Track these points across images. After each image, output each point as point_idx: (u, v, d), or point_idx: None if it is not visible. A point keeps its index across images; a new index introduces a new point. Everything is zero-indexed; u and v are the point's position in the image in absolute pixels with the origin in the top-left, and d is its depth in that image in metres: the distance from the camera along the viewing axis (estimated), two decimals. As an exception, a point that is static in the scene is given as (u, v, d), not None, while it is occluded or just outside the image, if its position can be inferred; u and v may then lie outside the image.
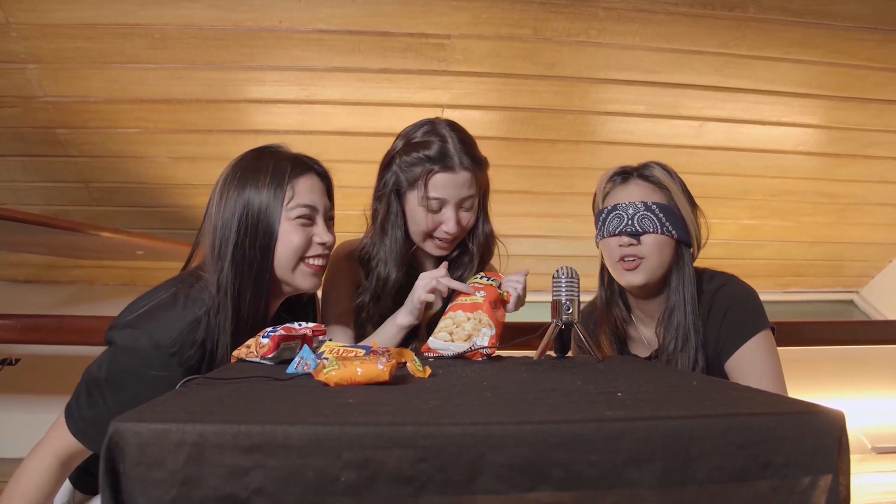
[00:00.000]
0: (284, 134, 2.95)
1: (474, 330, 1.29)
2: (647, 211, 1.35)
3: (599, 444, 0.67)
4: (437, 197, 1.36)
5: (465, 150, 1.37)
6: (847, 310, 4.38)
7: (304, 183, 1.28)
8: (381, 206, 1.44)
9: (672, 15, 2.52)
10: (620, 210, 1.37)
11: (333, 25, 2.49)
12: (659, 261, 1.36)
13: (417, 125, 1.43)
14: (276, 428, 0.64)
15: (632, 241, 1.35)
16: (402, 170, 1.39)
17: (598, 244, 1.45)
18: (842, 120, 3.06)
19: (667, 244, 1.36)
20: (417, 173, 1.36)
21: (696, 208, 1.43)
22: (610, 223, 1.38)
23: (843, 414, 0.72)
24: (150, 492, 0.62)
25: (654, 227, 1.34)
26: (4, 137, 2.86)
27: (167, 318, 1.15)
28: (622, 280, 1.40)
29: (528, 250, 3.69)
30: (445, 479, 0.64)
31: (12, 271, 3.75)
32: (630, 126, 3.03)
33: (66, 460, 1.16)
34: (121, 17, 2.39)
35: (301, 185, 1.27)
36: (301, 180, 1.28)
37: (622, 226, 1.36)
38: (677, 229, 1.36)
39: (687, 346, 1.34)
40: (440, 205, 1.37)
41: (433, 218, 1.38)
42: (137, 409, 0.72)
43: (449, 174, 1.35)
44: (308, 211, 1.27)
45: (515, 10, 2.47)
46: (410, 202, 1.40)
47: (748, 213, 3.63)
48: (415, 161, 1.37)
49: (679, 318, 1.36)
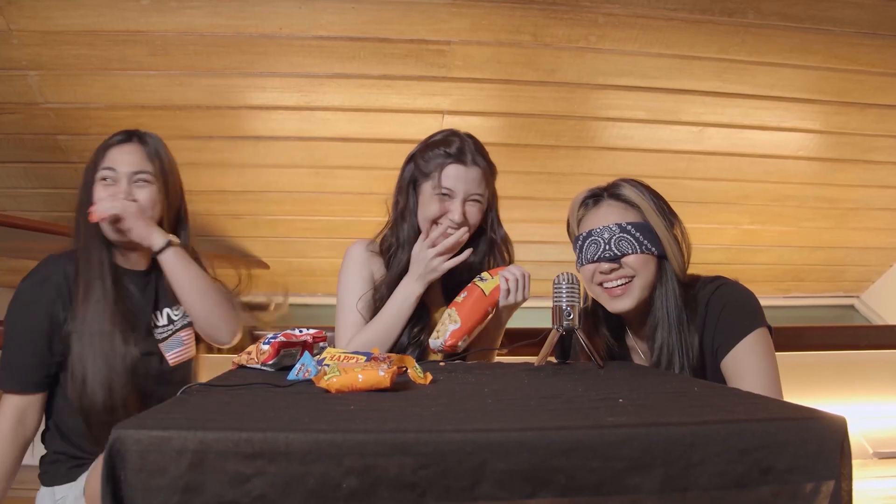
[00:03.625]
0: (285, 140, 2.95)
1: (442, 326, 1.37)
2: (623, 233, 1.32)
3: (601, 450, 0.67)
4: (448, 187, 1.46)
5: (479, 151, 1.51)
6: (848, 314, 4.37)
7: (114, 151, 1.44)
8: (402, 197, 1.55)
9: (671, 21, 2.52)
10: (596, 235, 1.34)
11: (334, 32, 2.50)
12: (646, 279, 1.33)
13: (438, 132, 1.56)
14: (277, 435, 0.64)
15: (613, 266, 1.33)
16: (421, 163, 1.51)
17: (579, 270, 1.42)
18: (842, 125, 3.07)
19: (649, 261, 1.33)
20: (434, 165, 1.48)
21: (675, 221, 1.39)
22: (587, 250, 1.36)
23: (845, 419, 0.72)
24: (152, 499, 0.63)
25: (632, 248, 1.32)
26: (5, 144, 2.87)
27: (36, 267, 1.44)
28: (609, 306, 1.37)
29: (529, 256, 3.68)
30: (447, 485, 0.64)
31: (13, 277, 3.74)
32: (630, 132, 3.04)
33: (17, 414, 1.35)
34: (122, 23, 2.39)
35: (111, 154, 1.44)
36: (112, 150, 1.44)
37: (600, 252, 1.33)
38: (656, 246, 1.34)
39: (671, 364, 1.31)
40: (450, 195, 1.47)
41: (441, 206, 1.47)
42: (138, 417, 0.72)
43: (462, 167, 1.46)
44: (109, 173, 1.43)
45: (515, 16, 2.48)
46: (424, 192, 1.50)
47: (748, 219, 3.63)
48: (433, 156, 1.49)
49: (663, 335, 1.33)
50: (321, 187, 3.21)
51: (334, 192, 3.22)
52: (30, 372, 1.36)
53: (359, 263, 1.55)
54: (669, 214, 1.38)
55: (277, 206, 3.35)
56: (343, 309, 1.53)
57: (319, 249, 3.58)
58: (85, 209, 1.41)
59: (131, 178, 1.42)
